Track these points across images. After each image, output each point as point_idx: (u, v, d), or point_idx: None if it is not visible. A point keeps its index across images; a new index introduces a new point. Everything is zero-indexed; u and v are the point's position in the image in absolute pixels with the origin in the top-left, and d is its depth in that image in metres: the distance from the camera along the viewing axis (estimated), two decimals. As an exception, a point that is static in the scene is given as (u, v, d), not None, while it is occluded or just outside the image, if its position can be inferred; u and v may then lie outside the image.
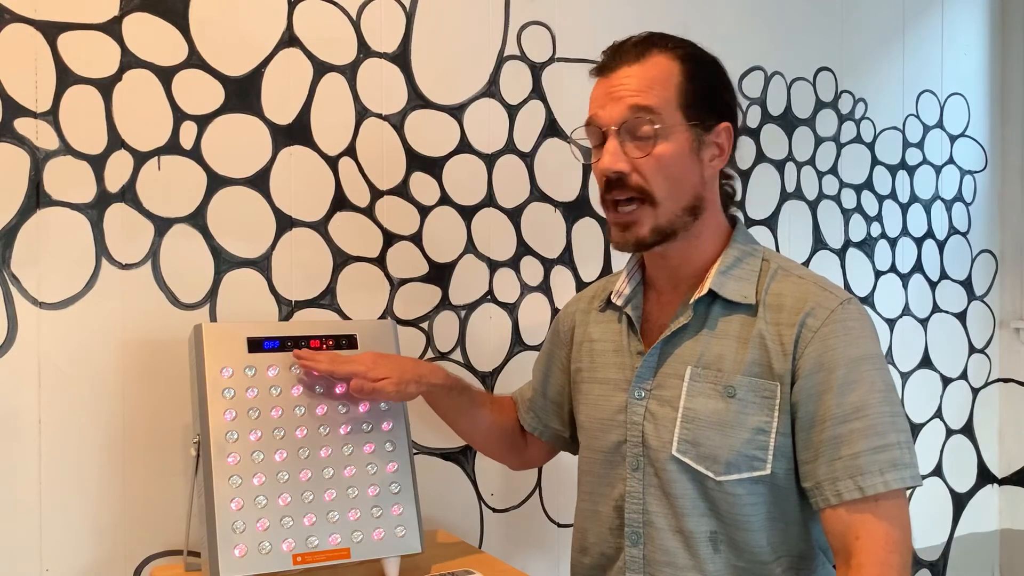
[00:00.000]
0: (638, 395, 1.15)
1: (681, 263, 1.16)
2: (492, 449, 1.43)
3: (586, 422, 1.24)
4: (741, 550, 1.10)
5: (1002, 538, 2.44)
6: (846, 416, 1.04)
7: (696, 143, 1.11)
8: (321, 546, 1.18)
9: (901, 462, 1.02)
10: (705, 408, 1.10)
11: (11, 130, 1.28)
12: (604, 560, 1.20)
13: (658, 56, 1.10)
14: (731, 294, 1.12)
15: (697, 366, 1.11)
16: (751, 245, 1.18)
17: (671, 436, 1.11)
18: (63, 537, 1.31)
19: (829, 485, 1.04)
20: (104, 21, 1.34)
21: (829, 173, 2.11)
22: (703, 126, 1.11)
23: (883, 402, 1.04)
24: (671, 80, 1.09)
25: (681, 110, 1.09)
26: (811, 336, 1.06)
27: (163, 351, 1.37)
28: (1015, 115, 2.42)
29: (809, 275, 1.14)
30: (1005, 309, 2.44)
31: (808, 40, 2.07)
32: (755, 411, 1.08)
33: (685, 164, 1.10)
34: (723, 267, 1.13)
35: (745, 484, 1.08)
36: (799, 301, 1.09)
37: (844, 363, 1.05)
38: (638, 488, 1.14)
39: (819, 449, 1.05)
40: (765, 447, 1.08)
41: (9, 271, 1.28)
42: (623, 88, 1.09)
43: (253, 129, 1.45)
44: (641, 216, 1.10)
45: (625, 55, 1.11)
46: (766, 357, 1.08)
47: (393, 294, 1.57)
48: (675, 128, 1.08)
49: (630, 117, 1.08)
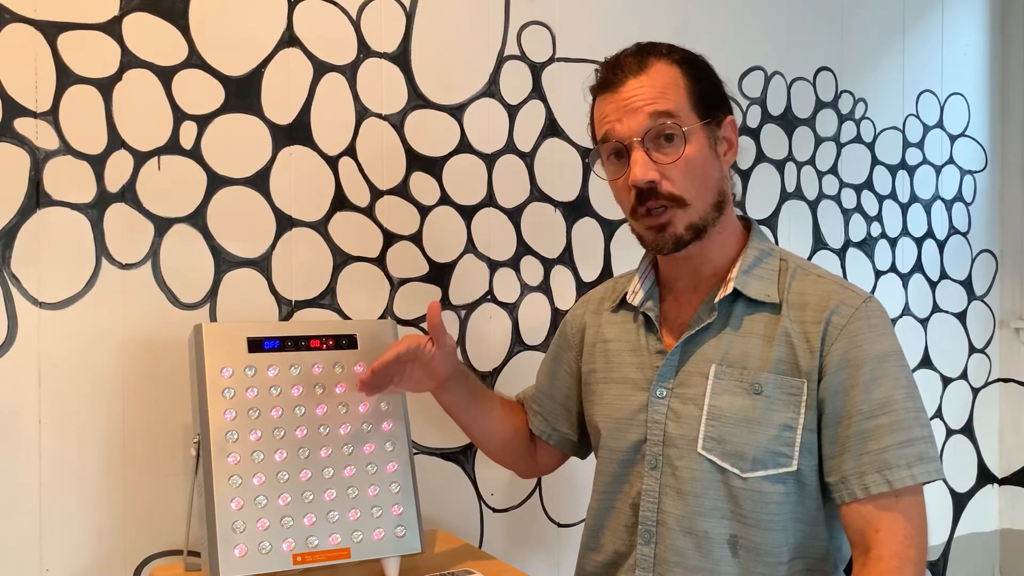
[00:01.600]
0: (660, 394, 1.16)
1: (703, 262, 1.17)
2: (503, 450, 1.41)
3: (603, 423, 1.24)
4: (761, 553, 1.10)
5: (1002, 538, 2.45)
6: (873, 411, 1.06)
7: (712, 140, 1.13)
8: (321, 546, 1.18)
9: (927, 456, 1.05)
10: (731, 405, 1.11)
11: (11, 130, 1.28)
12: (617, 557, 1.21)
13: (658, 63, 1.12)
14: (755, 293, 1.13)
15: (722, 364, 1.12)
16: (768, 244, 1.20)
17: (696, 434, 1.12)
18: (63, 537, 1.31)
19: (856, 479, 1.05)
20: (104, 21, 1.34)
21: (829, 173, 2.11)
22: (715, 122, 1.13)
23: (908, 397, 1.07)
24: (679, 83, 1.11)
25: (695, 110, 1.11)
26: (837, 333, 1.08)
27: (163, 351, 1.37)
28: (1015, 115, 2.42)
29: (827, 274, 1.17)
30: (1005, 309, 2.44)
31: (808, 40, 2.07)
32: (781, 408, 1.09)
33: (708, 162, 1.12)
34: (745, 266, 1.15)
35: (771, 480, 1.09)
36: (823, 299, 1.11)
37: (870, 359, 1.07)
38: (654, 487, 1.15)
39: (846, 444, 1.07)
40: (792, 443, 1.09)
41: (9, 271, 1.28)
42: (637, 99, 1.10)
43: (253, 129, 1.45)
44: (674, 217, 1.11)
45: (627, 68, 1.12)
46: (792, 354, 1.10)
47: (393, 294, 1.57)
48: (694, 129, 1.10)
49: (653, 125, 1.09)
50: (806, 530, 1.12)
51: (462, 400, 1.34)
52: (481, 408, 1.36)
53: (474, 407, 1.35)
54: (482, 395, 1.36)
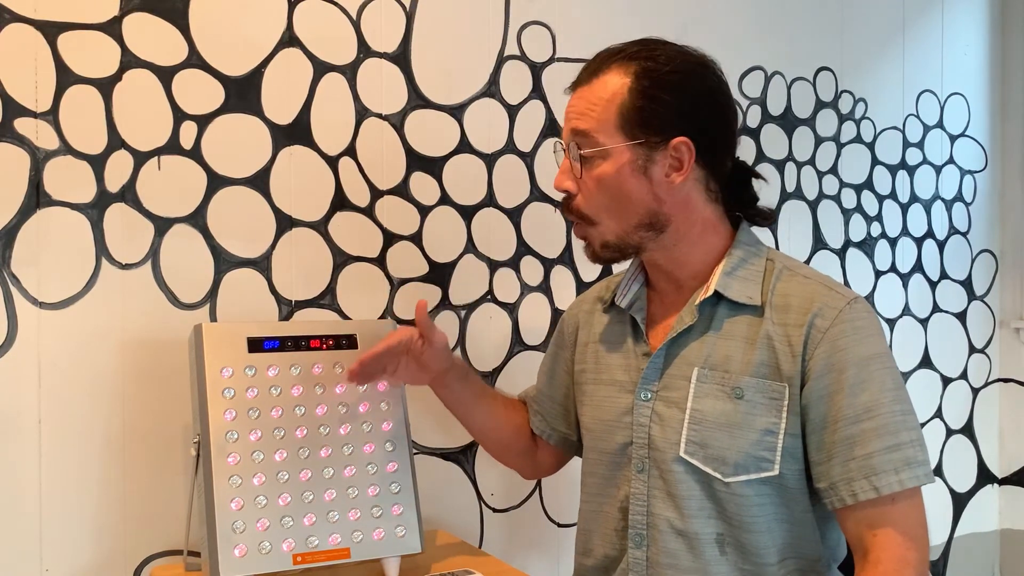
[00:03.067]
0: (644, 397, 1.15)
1: (674, 267, 1.16)
2: (504, 448, 1.41)
3: (591, 424, 1.23)
4: (748, 552, 1.10)
5: (1002, 538, 2.45)
6: (858, 416, 1.04)
7: (642, 161, 1.09)
8: (321, 546, 1.18)
9: (914, 460, 1.03)
10: (713, 409, 1.10)
11: (11, 130, 1.28)
12: (608, 562, 1.20)
13: (609, 74, 1.10)
14: (736, 295, 1.12)
15: (704, 367, 1.11)
16: (755, 245, 1.17)
17: (679, 437, 1.11)
18: (63, 537, 1.31)
19: (844, 486, 1.04)
20: (104, 21, 1.34)
21: (829, 173, 2.11)
22: (648, 144, 1.09)
23: (894, 401, 1.05)
24: (614, 100, 1.08)
25: (621, 131, 1.09)
26: (820, 337, 1.06)
27: (163, 351, 1.37)
28: (1015, 115, 2.42)
29: (815, 275, 1.14)
30: (1005, 309, 2.44)
31: (808, 40, 2.07)
32: (763, 412, 1.08)
33: (627, 184, 1.09)
34: (728, 268, 1.13)
35: (753, 485, 1.08)
36: (806, 301, 1.09)
37: (854, 363, 1.05)
38: (643, 490, 1.14)
39: (832, 450, 1.05)
40: (773, 448, 1.08)
41: (9, 271, 1.28)
42: (572, 110, 1.13)
43: (253, 129, 1.45)
44: (586, 234, 1.15)
45: (582, 74, 1.14)
46: (774, 358, 1.08)
47: (393, 294, 1.57)
48: (613, 150, 1.09)
49: (571, 141, 1.12)
50: (793, 531, 1.11)
51: (462, 397, 1.34)
52: (481, 405, 1.36)
53: (474, 404, 1.35)
54: (482, 392, 1.37)
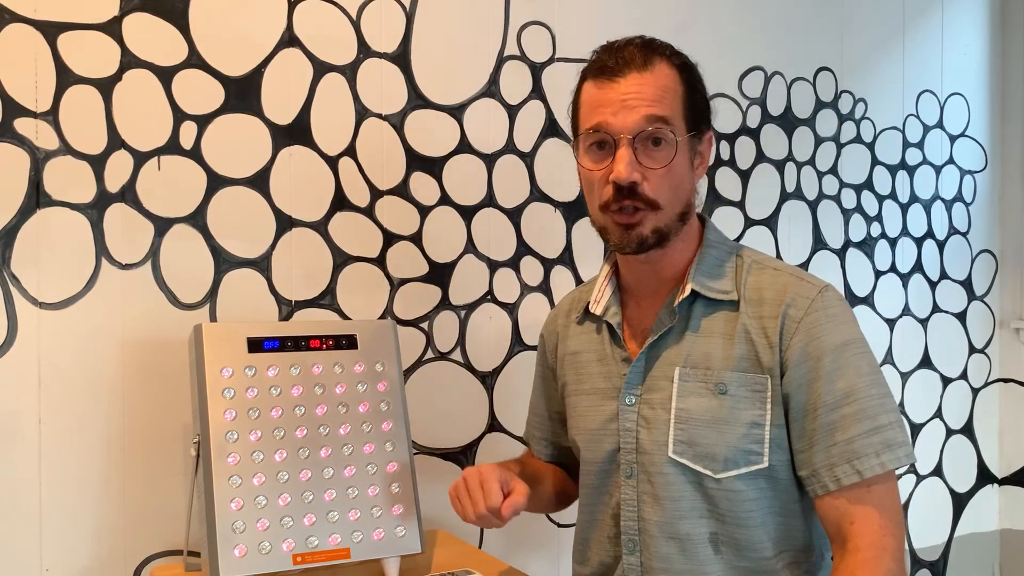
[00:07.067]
0: (629, 401, 1.15)
1: (664, 266, 1.16)
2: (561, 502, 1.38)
3: (578, 435, 1.23)
4: (743, 548, 1.10)
5: (1002, 538, 2.44)
6: (837, 402, 1.05)
7: (692, 152, 1.12)
8: (321, 546, 1.18)
9: (895, 441, 1.04)
10: (698, 407, 1.10)
11: (11, 130, 1.28)
12: (603, 569, 1.20)
13: (662, 63, 1.10)
14: (713, 292, 1.12)
15: (685, 366, 1.12)
16: (723, 242, 1.18)
17: (666, 438, 1.11)
18: (63, 537, 1.31)
19: (827, 471, 1.05)
20: (104, 21, 1.34)
21: (829, 173, 2.11)
22: (698, 136, 1.12)
23: (871, 385, 1.06)
24: (677, 90, 1.10)
25: (685, 120, 1.10)
26: (795, 327, 1.08)
27: (163, 351, 1.37)
28: (1015, 115, 2.42)
29: (784, 267, 1.15)
30: (1005, 309, 2.44)
31: (808, 40, 2.07)
32: (748, 405, 1.09)
33: (685, 174, 1.11)
34: (700, 266, 1.14)
35: (744, 479, 1.09)
36: (779, 293, 1.10)
37: (830, 350, 1.06)
38: (632, 495, 1.14)
39: (813, 437, 1.06)
40: (761, 440, 1.08)
41: (9, 271, 1.28)
42: (636, 96, 1.07)
43: (253, 129, 1.45)
44: (644, 219, 1.10)
45: (631, 60, 1.09)
46: (753, 351, 1.09)
47: (393, 294, 1.57)
48: (682, 140, 1.09)
49: (647, 127, 1.07)
50: (785, 523, 1.12)
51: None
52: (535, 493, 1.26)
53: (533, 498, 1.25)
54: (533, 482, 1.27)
